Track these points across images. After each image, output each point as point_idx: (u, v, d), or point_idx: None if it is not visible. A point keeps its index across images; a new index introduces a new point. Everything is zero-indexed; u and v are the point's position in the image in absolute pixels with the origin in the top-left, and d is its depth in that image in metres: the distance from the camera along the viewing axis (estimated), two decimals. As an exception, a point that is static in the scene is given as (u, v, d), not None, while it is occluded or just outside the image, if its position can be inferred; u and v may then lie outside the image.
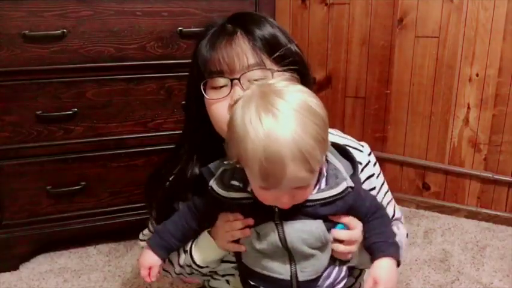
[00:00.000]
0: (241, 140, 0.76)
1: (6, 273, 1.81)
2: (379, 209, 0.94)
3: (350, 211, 0.90)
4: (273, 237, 0.86)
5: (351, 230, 0.90)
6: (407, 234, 1.15)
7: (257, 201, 0.85)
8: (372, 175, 1.07)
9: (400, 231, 1.05)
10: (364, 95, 2.30)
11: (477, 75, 2.10)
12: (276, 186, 0.78)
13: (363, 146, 1.08)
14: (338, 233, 0.89)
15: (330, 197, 0.86)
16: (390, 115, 2.29)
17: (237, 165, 0.85)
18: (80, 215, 1.85)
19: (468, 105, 2.15)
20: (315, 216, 0.87)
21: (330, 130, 0.91)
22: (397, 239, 0.94)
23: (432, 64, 2.17)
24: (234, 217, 0.92)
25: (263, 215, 0.87)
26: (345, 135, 1.08)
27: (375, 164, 1.09)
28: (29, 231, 1.82)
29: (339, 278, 0.94)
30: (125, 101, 1.79)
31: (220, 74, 0.94)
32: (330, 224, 0.89)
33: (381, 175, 1.11)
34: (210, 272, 1.05)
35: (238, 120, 0.78)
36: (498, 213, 2.20)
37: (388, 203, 1.10)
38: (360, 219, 0.91)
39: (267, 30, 0.96)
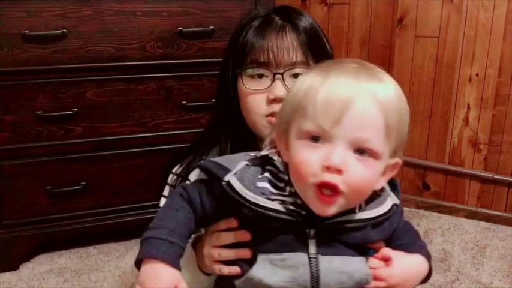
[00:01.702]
0: (309, 85, 0.68)
1: (6, 273, 1.80)
2: (407, 223, 0.83)
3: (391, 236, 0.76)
4: (302, 275, 0.68)
5: (391, 263, 0.73)
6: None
7: (290, 220, 0.68)
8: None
9: None
10: (364, 95, 2.30)
11: (477, 75, 2.10)
12: (334, 124, 0.63)
13: None
14: (379, 270, 0.72)
15: (379, 216, 0.72)
16: (390, 115, 2.29)
17: (272, 157, 0.71)
18: (80, 215, 1.85)
19: (468, 105, 2.15)
20: (362, 244, 0.72)
21: None
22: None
23: (432, 64, 2.17)
24: (226, 224, 0.75)
25: (293, 240, 0.69)
26: None
27: None
28: (29, 231, 1.81)
29: None
30: (125, 101, 1.79)
31: (265, 65, 0.92)
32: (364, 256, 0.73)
33: None
34: None
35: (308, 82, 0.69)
36: (498, 213, 2.20)
37: None
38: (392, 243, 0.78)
39: (311, 28, 0.95)
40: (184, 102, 1.81)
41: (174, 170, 1.04)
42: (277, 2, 1.91)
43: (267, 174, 0.71)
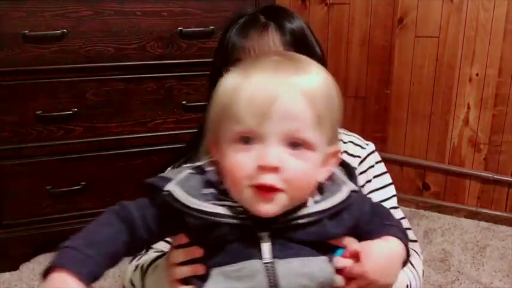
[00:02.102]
0: (231, 85, 0.65)
1: (6, 273, 1.80)
2: (376, 205, 0.76)
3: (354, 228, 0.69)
4: (259, 283, 0.62)
5: (361, 258, 0.66)
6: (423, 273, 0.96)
7: (239, 224, 0.63)
8: (371, 167, 1.00)
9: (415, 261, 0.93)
10: (364, 95, 2.30)
11: (477, 75, 2.10)
12: (261, 121, 0.61)
13: (367, 145, 1.02)
14: (345, 264, 0.65)
15: (335, 206, 0.66)
16: (390, 115, 2.29)
17: (204, 168, 0.67)
18: (80, 215, 1.85)
19: (468, 105, 2.15)
20: (322, 240, 0.66)
21: None
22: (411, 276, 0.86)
23: (432, 64, 2.17)
24: (177, 241, 0.70)
25: (245, 247, 0.63)
26: (351, 133, 1.04)
27: (378, 163, 1.02)
28: (29, 231, 1.82)
29: None
30: (125, 101, 1.79)
31: None
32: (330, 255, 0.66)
33: (386, 176, 1.01)
34: None
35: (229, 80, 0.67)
36: (498, 213, 2.20)
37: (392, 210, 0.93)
38: (362, 233, 0.70)
39: (297, 27, 0.94)
40: (184, 102, 1.81)
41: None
42: (277, 2, 1.91)
43: (210, 178, 0.67)
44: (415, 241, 1.01)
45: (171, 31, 1.75)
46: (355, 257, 0.66)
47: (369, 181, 0.99)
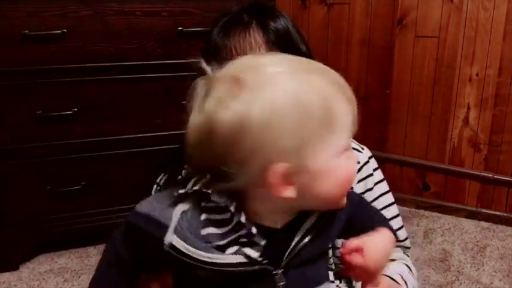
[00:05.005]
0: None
1: (6, 273, 1.80)
2: (361, 197, 0.76)
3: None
4: None
5: (364, 253, 0.66)
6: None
7: (258, 268, 0.60)
8: (370, 175, 1.00)
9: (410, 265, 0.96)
10: (364, 95, 2.30)
11: (477, 75, 2.10)
12: (353, 127, 0.60)
13: (363, 149, 1.02)
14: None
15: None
16: (390, 115, 2.29)
17: (207, 192, 0.59)
18: (80, 215, 1.85)
19: (468, 105, 2.15)
20: (327, 247, 0.67)
21: None
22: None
23: (432, 64, 2.16)
24: (163, 280, 0.67)
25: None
26: None
27: (375, 169, 1.01)
28: (29, 231, 1.82)
29: None
30: (125, 101, 1.79)
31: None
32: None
33: (384, 184, 1.01)
34: None
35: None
36: (498, 213, 2.20)
37: (391, 219, 0.96)
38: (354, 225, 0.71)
39: (281, 26, 0.92)
40: (184, 102, 1.81)
41: (158, 180, 1.00)
42: (277, 2, 1.91)
43: (205, 214, 0.60)
44: (406, 239, 1.03)
45: (171, 31, 1.75)
46: (358, 251, 0.65)
47: (370, 189, 0.99)
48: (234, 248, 0.59)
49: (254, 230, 0.59)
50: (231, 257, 0.59)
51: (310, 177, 0.57)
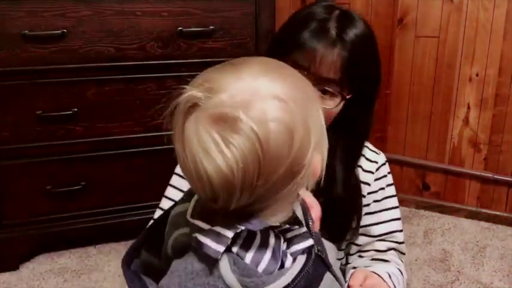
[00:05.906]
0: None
1: (6, 273, 1.80)
2: None
3: None
4: None
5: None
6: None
7: None
8: (385, 176, 1.03)
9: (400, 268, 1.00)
10: (364, 95, 2.30)
11: (477, 75, 2.10)
12: None
13: (379, 153, 1.07)
14: None
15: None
16: (390, 115, 2.29)
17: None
18: (80, 215, 1.85)
19: (468, 105, 2.15)
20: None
21: None
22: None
23: (432, 64, 2.16)
24: None
25: None
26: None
27: (389, 173, 1.06)
28: (29, 231, 1.82)
29: None
30: (125, 101, 1.79)
31: (303, 69, 0.86)
32: None
33: (393, 188, 1.06)
34: None
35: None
36: (498, 213, 2.20)
37: (393, 220, 1.04)
38: None
39: (364, 55, 0.97)
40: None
41: (176, 171, 1.02)
42: (278, 2, 1.91)
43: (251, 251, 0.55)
44: (403, 243, 1.05)
45: (171, 31, 1.75)
46: None
47: (382, 188, 1.03)
48: (290, 259, 0.56)
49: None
50: (294, 265, 0.55)
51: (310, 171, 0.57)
